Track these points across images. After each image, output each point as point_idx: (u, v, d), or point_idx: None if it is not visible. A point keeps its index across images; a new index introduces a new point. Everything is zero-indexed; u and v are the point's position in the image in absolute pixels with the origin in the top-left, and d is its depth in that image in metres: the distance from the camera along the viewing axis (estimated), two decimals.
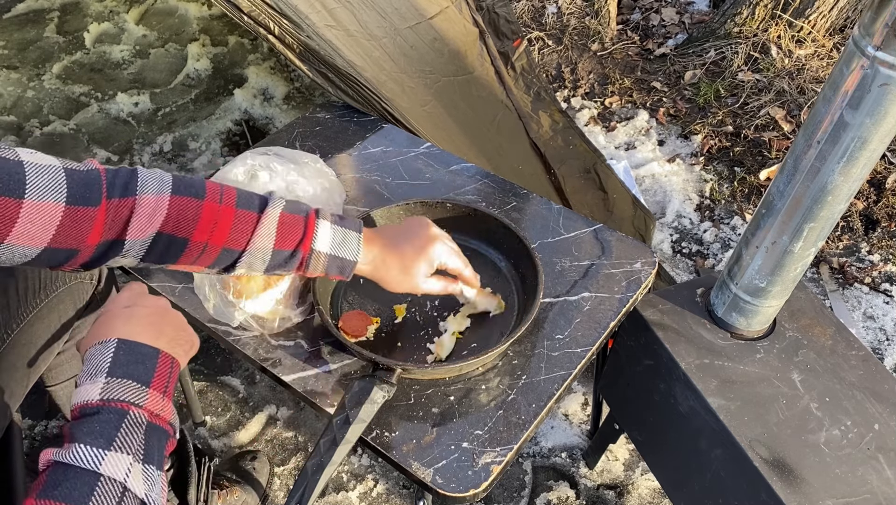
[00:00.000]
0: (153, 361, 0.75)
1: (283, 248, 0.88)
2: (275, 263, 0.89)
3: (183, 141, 2.46)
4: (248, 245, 0.87)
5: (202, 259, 0.86)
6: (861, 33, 0.82)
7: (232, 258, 0.88)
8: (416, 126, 1.50)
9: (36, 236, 0.73)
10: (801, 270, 1.06)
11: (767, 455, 1.01)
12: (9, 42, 2.89)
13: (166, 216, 0.81)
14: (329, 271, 0.92)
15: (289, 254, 0.89)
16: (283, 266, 0.90)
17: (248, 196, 0.89)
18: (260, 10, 1.33)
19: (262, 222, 0.87)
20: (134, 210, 0.80)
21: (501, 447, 0.94)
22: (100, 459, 0.64)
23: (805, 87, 2.49)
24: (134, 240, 0.81)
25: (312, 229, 0.89)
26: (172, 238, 0.83)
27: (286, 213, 0.88)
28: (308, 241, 0.89)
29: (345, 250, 0.92)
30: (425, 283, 0.98)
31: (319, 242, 0.90)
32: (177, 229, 0.83)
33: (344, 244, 0.91)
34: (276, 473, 1.58)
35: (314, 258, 0.90)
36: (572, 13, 2.93)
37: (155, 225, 0.81)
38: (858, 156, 0.89)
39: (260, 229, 0.87)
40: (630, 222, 1.88)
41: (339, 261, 0.92)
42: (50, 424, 1.64)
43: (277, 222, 0.87)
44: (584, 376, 1.70)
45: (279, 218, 0.88)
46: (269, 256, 0.88)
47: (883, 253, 2.07)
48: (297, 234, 0.89)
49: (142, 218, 0.80)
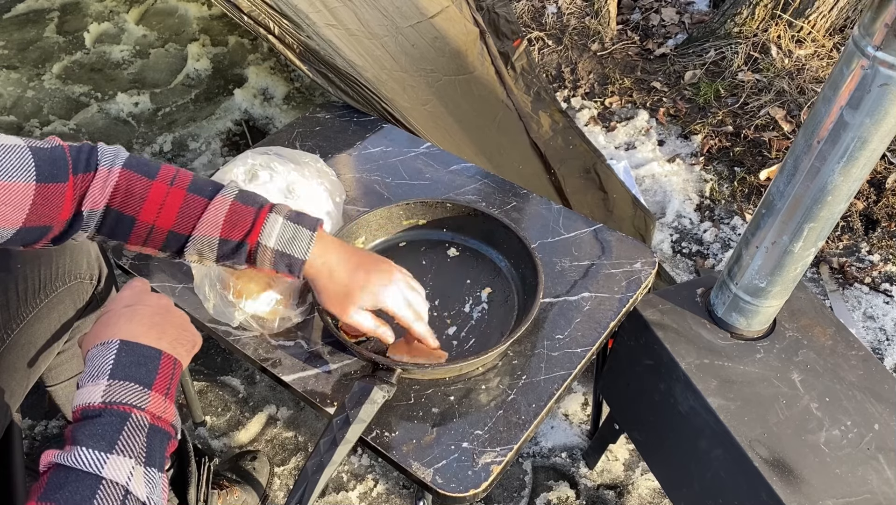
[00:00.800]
0: (155, 362, 0.74)
1: (229, 238, 0.87)
2: (223, 252, 0.88)
3: (183, 141, 2.46)
4: (194, 231, 0.86)
5: (152, 241, 0.86)
6: (861, 33, 0.82)
7: (179, 243, 0.87)
8: (416, 126, 1.50)
9: (10, 217, 0.74)
10: (801, 270, 1.06)
11: (767, 455, 1.01)
12: (9, 42, 2.89)
13: (115, 187, 0.82)
14: (277, 268, 0.90)
15: (235, 245, 0.87)
16: (231, 257, 0.89)
17: (203, 182, 0.88)
18: (260, 10, 1.33)
19: (210, 209, 0.86)
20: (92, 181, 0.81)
21: (501, 447, 0.94)
22: (102, 462, 0.64)
23: (805, 87, 2.49)
24: (90, 210, 0.82)
25: (262, 222, 0.87)
26: (120, 214, 0.84)
27: (238, 203, 0.87)
28: (255, 234, 0.87)
29: (293, 248, 0.89)
30: (356, 313, 0.93)
31: (266, 236, 0.88)
32: (124, 206, 0.83)
33: (293, 241, 0.89)
34: (276, 473, 1.58)
35: (260, 252, 0.88)
36: (572, 13, 2.93)
37: (106, 196, 0.82)
38: (858, 156, 0.89)
39: (206, 216, 0.85)
40: (630, 222, 1.88)
41: (287, 258, 0.89)
42: (50, 424, 1.64)
43: (227, 211, 0.86)
44: (584, 376, 1.70)
45: (229, 207, 0.86)
46: (216, 245, 0.87)
47: (883, 253, 2.07)
48: (245, 226, 0.87)
49: (95, 189, 0.81)
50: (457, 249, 1.21)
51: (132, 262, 1.19)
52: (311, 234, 0.90)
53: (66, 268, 1.08)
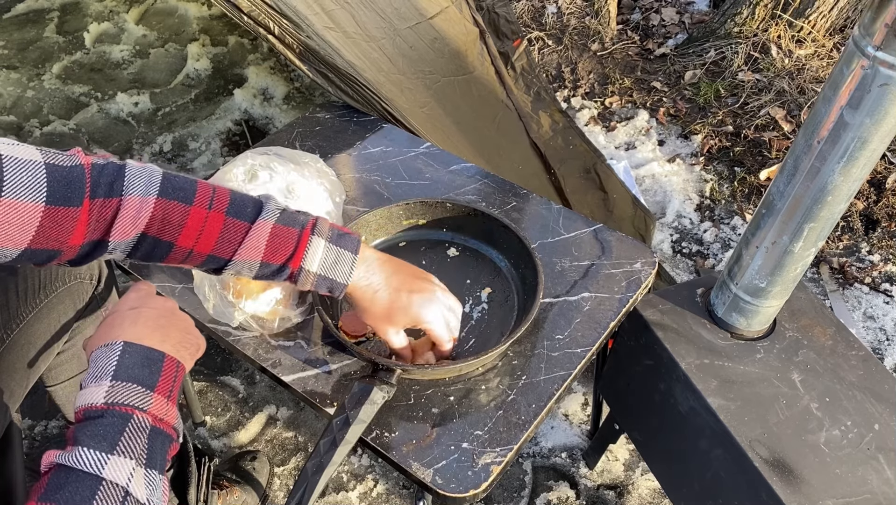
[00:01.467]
0: (158, 364, 0.74)
1: (271, 262, 0.85)
2: (263, 273, 0.86)
3: (183, 141, 2.46)
4: (235, 255, 0.84)
5: (189, 261, 0.85)
6: (861, 33, 0.82)
7: (219, 264, 0.86)
8: (415, 126, 1.50)
9: (14, 237, 0.70)
10: (801, 270, 1.06)
11: (767, 455, 1.01)
12: (9, 42, 2.88)
13: (150, 218, 0.79)
14: (318, 289, 0.89)
15: (277, 267, 0.86)
16: (272, 277, 0.88)
17: (242, 202, 0.85)
18: (260, 10, 1.33)
19: (252, 234, 0.83)
20: (119, 211, 0.77)
21: (501, 447, 0.94)
22: (102, 463, 0.64)
23: (805, 87, 2.49)
24: (118, 241, 0.79)
25: (304, 246, 0.85)
26: (157, 241, 0.81)
27: (279, 226, 0.84)
28: (298, 259, 0.85)
29: (336, 272, 0.87)
30: (396, 335, 0.94)
31: (309, 262, 0.86)
32: (161, 233, 0.80)
33: (336, 266, 0.87)
34: (276, 473, 1.57)
35: (303, 276, 0.87)
36: (572, 13, 2.93)
37: (139, 227, 0.78)
38: (858, 156, 0.89)
39: (248, 241, 0.83)
40: (630, 222, 1.88)
41: (329, 281, 0.88)
42: (50, 424, 1.64)
43: (269, 235, 0.84)
44: (584, 376, 1.70)
45: (271, 231, 0.84)
46: (257, 267, 0.85)
47: (883, 253, 2.07)
48: (288, 250, 0.85)
49: (125, 220, 0.77)
50: (457, 249, 1.21)
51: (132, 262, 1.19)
52: (354, 256, 0.88)
53: (65, 268, 1.08)
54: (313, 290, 0.89)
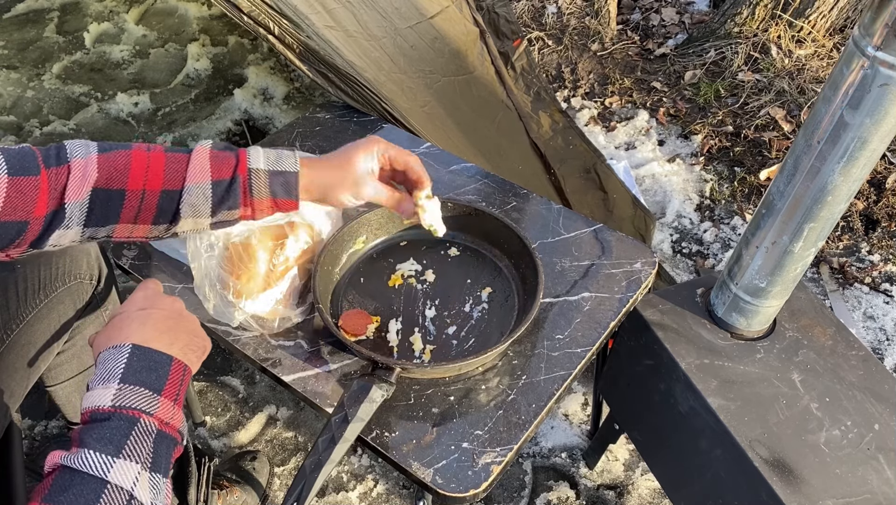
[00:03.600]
0: (166, 368, 0.74)
1: (221, 178, 0.87)
2: (218, 198, 0.87)
3: (183, 141, 2.46)
4: (186, 182, 0.86)
5: (143, 212, 0.86)
6: (861, 33, 0.82)
7: (173, 203, 0.86)
8: (415, 126, 1.50)
9: None
10: (801, 270, 1.06)
11: (767, 455, 1.01)
12: (9, 42, 2.89)
13: (98, 172, 0.83)
14: (275, 191, 0.90)
15: (228, 183, 0.87)
16: (227, 200, 0.88)
17: (175, 147, 0.90)
18: (260, 10, 1.33)
19: (194, 159, 0.87)
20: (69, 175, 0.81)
21: (501, 447, 0.94)
22: (108, 466, 0.64)
23: (805, 87, 2.49)
24: (73, 202, 0.82)
25: (245, 154, 0.89)
26: (108, 192, 0.83)
27: (216, 151, 0.89)
28: (243, 163, 0.88)
29: (283, 164, 0.90)
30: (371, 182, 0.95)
31: (254, 161, 0.89)
32: (110, 181, 0.83)
33: (280, 159, 0.90)
34: (276, 473, 1.57)
35: (255, 178, 0.88)
36: (572, 13, 2.93)
37: (89, 182, 0.82)
38: (858, 156, 0.89)
39: (193, 166, 0.86)
40: (630, 222, 1.88)
41: (281, 176, 0.89)
42: (50, 424, 1.64)
43: (209, 156, 0.87)
44: (584, 376, 1.70)
45: (209, 153, 0.88)
46: (210, 191, 0.87)
47: (883, 253, 2.07)
48: (231, 162, 0.88)
49: (75, 179, 0.82)
50: (457, 249, 1.21)
51: (132, 262, 1.19)
52: (292, 152, 0.92)
53: (65, 268, 1.08)
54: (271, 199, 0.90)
